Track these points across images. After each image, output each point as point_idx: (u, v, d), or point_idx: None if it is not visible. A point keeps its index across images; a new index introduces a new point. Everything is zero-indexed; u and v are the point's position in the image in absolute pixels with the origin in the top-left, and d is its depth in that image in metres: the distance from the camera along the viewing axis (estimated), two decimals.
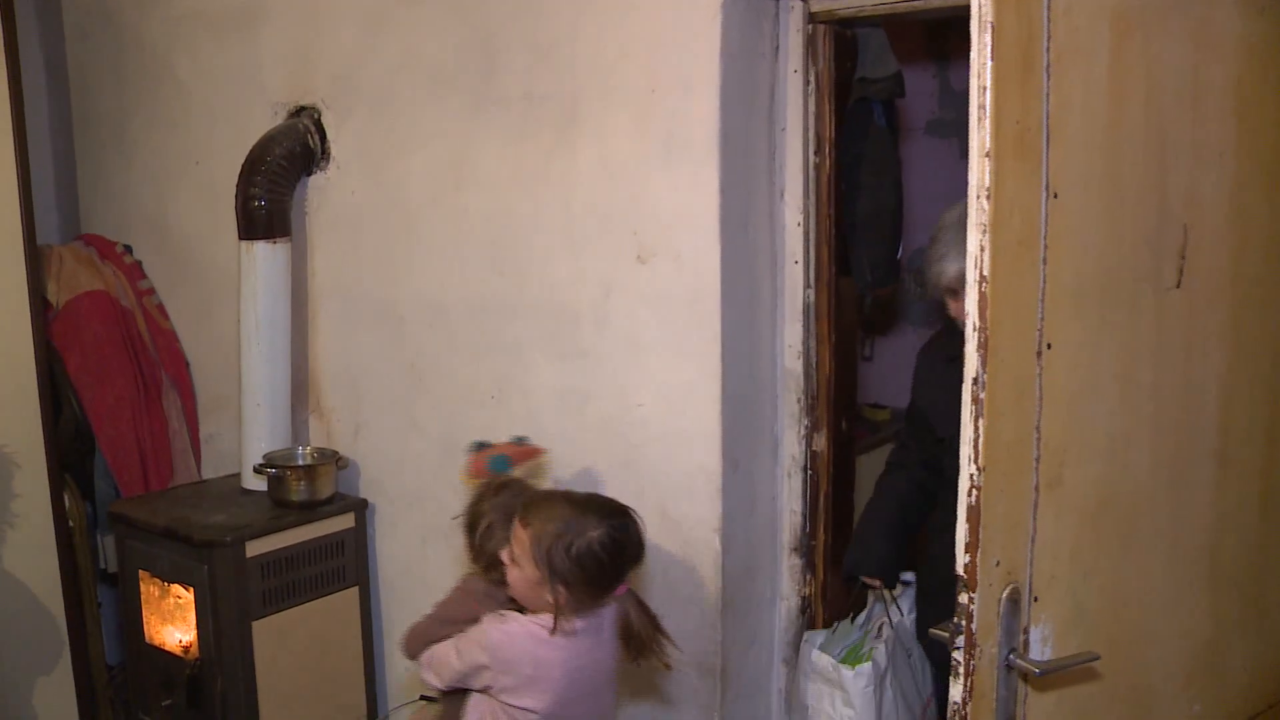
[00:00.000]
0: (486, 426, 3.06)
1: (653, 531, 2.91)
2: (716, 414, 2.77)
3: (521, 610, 2.30)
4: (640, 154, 2.79)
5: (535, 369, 3.01)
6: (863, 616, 2.90)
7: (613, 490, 2.88)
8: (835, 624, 2.92)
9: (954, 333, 2.52)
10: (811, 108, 2.83)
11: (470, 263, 3.10)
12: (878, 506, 2.92)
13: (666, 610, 2.92)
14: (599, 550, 2.20)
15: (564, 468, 2.94)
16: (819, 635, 2.89)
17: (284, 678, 3.27)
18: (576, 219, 2.90)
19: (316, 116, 3.44)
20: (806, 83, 2.82)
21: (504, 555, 2.28)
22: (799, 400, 2.96)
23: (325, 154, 3.44)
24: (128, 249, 4.15)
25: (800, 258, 2.89)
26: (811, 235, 2.87)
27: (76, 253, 4.10)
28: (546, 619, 2.22)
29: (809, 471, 2.98)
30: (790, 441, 2.99)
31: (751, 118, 2.78)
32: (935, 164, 4.78)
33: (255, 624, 3.18)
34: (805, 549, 3.01)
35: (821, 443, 2.96)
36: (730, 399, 2.79)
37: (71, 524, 3.82)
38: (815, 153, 2.84)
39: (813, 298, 2.90)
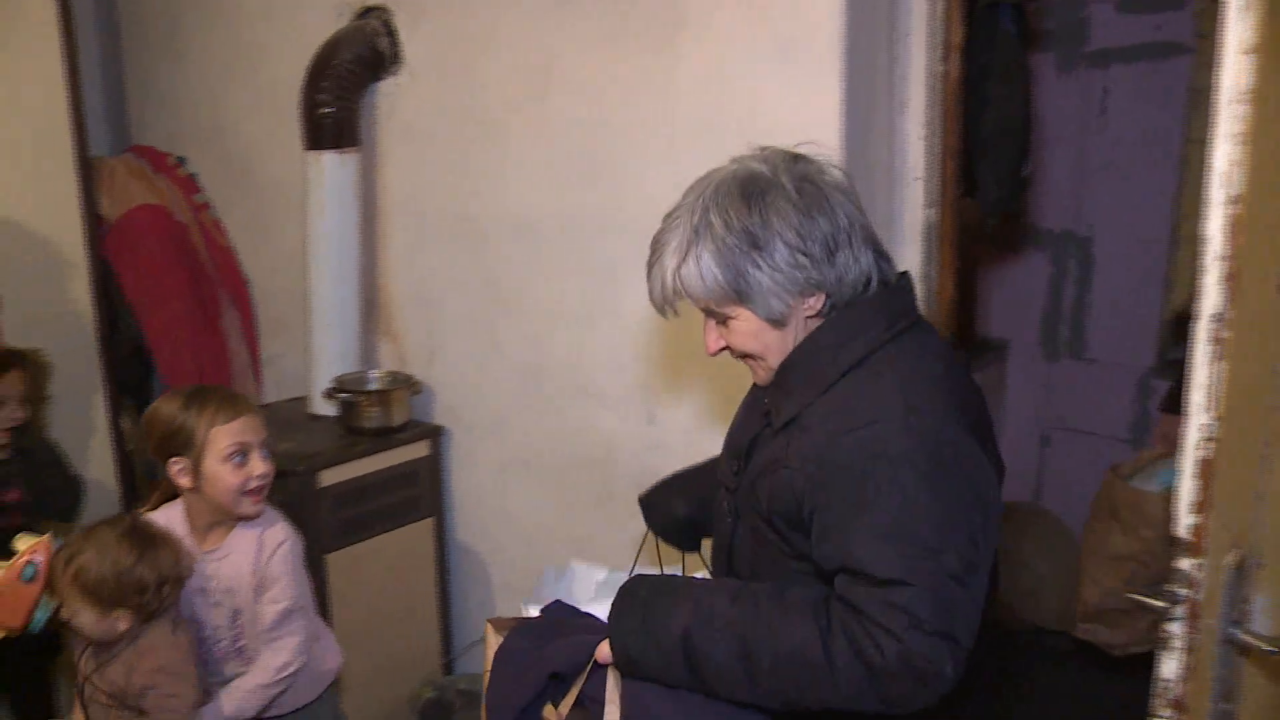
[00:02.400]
0: (574, 349, 2.88)
1: None
2: None
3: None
4: (752, 58, 2.55)
5: (629, 291, 2.80)
6: None
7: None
8: None
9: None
10: (938, 11, 2.58)
11: (559, 175, 2.88)
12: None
13: None
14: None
15: (663, 397, 2.75)
16: None
17: (357, 613, 3.12)
18: (679, 129, 2.68)
19: (387, 17, 3.20)
20: None
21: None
22: None
23: (397, 58, 3.21)
24: (181, 161, 3.94)
25: (921, 174, 2.66)
26: (935, 150, 2.64)
27: (129, 165, 3.90)
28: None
29: None
30: None
31: (873, 20, 2.54)
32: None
33: (328, 557, 3.03)
34: None
35: None
36: None
37: (130, 447, 3.68)
38: (941, 60, 2.59)
39: (934, 218, 2.67)
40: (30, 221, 3.52)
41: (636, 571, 2.14)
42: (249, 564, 2.25)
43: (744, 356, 1.78)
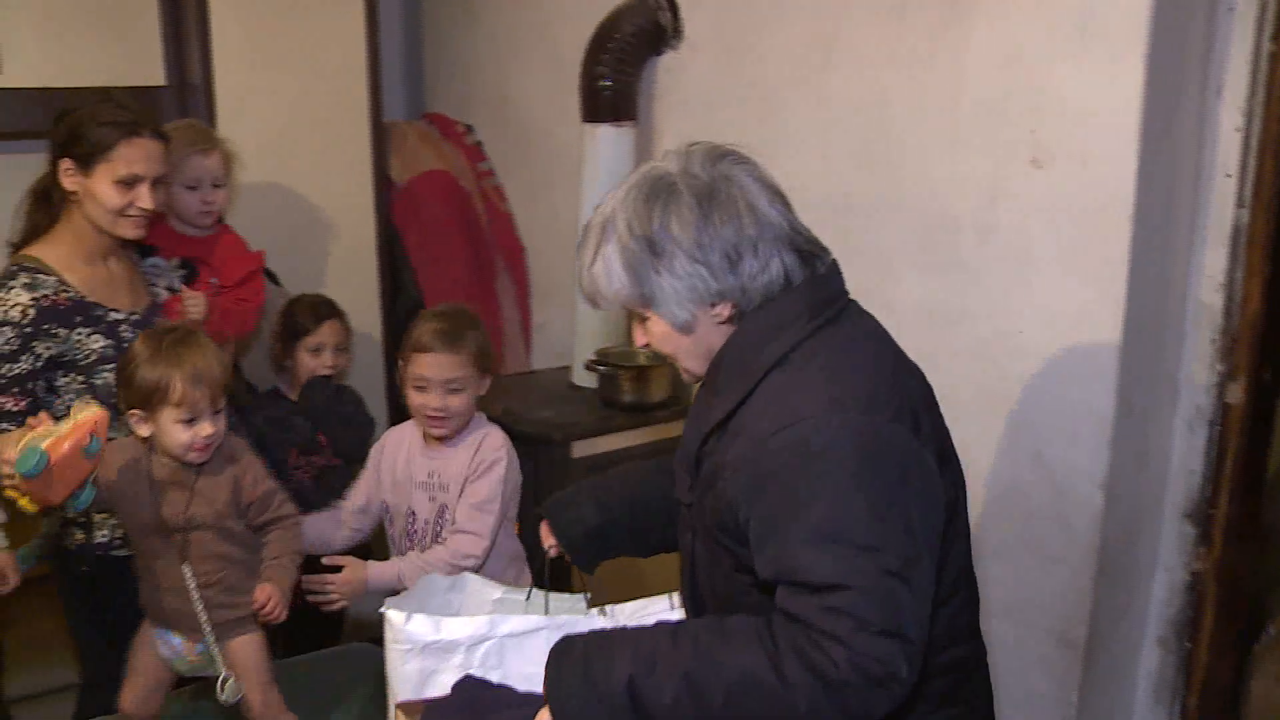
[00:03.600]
0: None
1: (1022, 477, 2.55)
2: (1115, 347, 2.36)
3: None
4: (1046, 37, 2.37)
5: (900, 279, 2.66)
6: None
7: (979, 426, 2.54)
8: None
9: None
10: None
11: (834, 154, 2.76)
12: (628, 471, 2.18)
13: (1027, 568, 2.56)
14: None
15: None
16: None
17: (601, 582, 3.12)
18: (964, 111, 2.51)
19: None
20: None
21: None
22: (1213, 341, 2.49)
23: (677, 31, 3.17)
24: (469, 129, 4.05)
25: (1234, 170, 2.40)
26: (1253, 143, 2.37)
27: (420, 131, 4.04)
28: None
29: (1216, 426, 2.51)
30: (1195, 389, 2.52)
31: None
32: None
33: None
34: (1201, 517, 2.55)
35: (1237, 393, 2.47)
36: (1132, 331, 2.37)
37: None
38: (1271, 39, 2.32)
39: (1245, 219, 2.40)
40: (325, 182, 3.68)
41: (535, 592, 2.11)
42: (463, 467, 2.51)
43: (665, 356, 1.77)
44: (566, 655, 1.61)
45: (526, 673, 1.87)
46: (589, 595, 2.08)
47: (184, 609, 2.26)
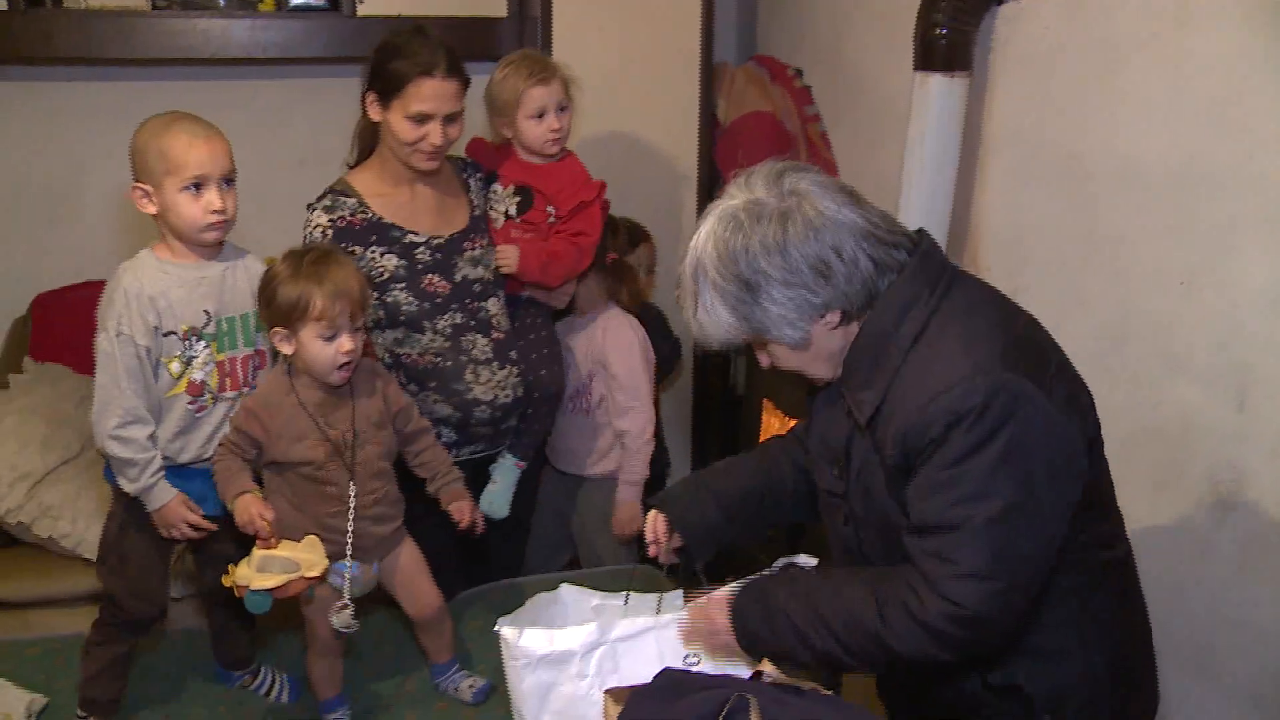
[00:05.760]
0: (1168, 314, 2.59)
1: None
2: None
3: None
4: None
5: (1243, 257, 2.46)
6: None
7: None
8: None
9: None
10: None
11: (1183, 119, 2.57)
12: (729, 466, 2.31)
13: None
14: None
15: (1263, 383, 2.41)
16: None
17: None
18: None
19: None
20: None
21: None
22: None
23: None
24: (798, 73, 4.03)
25: None
26: None
27: (749, 72, 4.06)
28: None
29: None
30: None
31: None
32: None
33: None
34: None
35: None
36: None
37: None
38: None
39: None
40: (651, 119, 3.79)
41: (631, 597, 2.22)
42: (593, 346, 3.26)
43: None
44: (751, 585, 1.93)
45: (641, 673, 1.96)
46: (700, 585, 2.19)
47: (341, 530, 2.39)
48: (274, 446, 2.38)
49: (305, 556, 2.27)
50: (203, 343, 2.45)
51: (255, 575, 2.21)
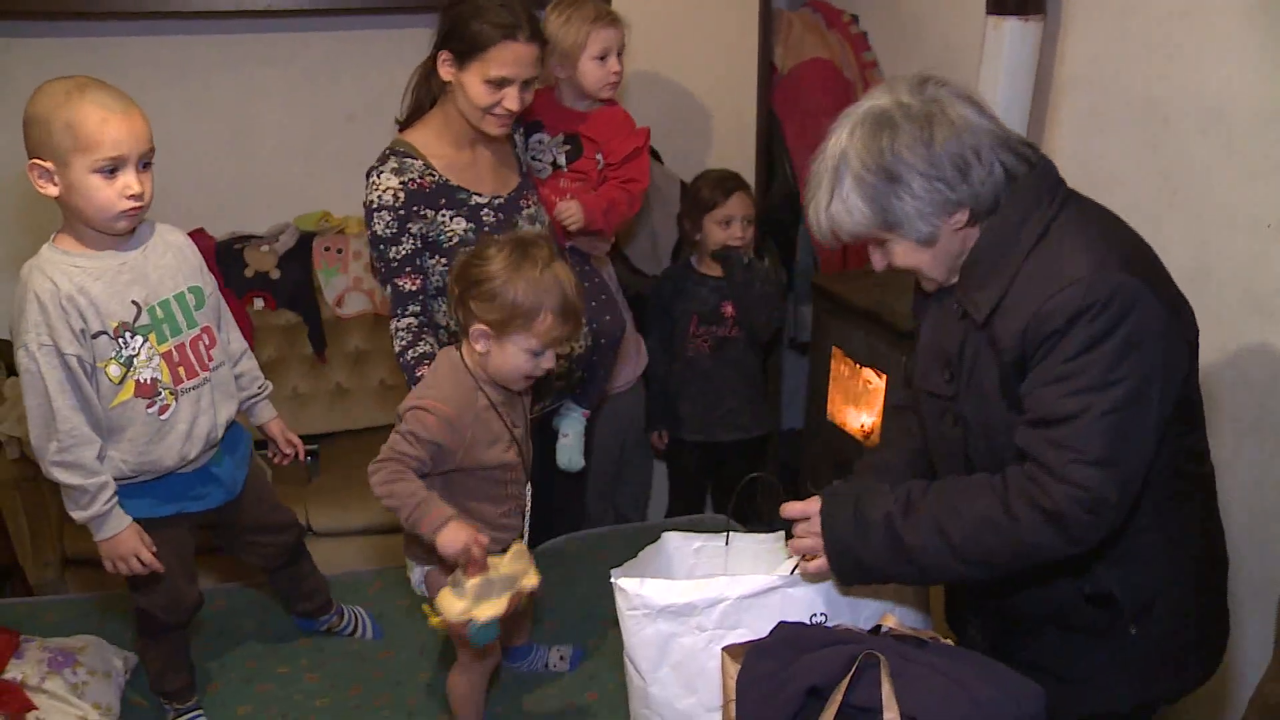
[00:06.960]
0: (1253, 259, 2.60)
1: None
2: None
3: None
4: None
5: None
6: None
7: None
8: None
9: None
10: None
11: (1268, 57, 2.56)
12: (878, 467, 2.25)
13: None
14: None
15: None
16: None
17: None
18: None
19: None
20: None
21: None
22: None
23: None
24: (854, 18, 4.01)
25: None
26: None
27: (805, 19, 4.04)
28: None
29: None
30: None
31: None
32: None
33: None
34: None
35: None
36: None
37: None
38: None
39: None
40: (709, 66, 3.78)
41: (733, 539, 2.25)
42: None
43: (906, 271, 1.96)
44: (839, 495, 1.96)
45: (762, 630, 1.95)
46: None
47: (513, 529, 2.31)
48: (467, 454, 2.21)
49: (517, 568, 2.13)
50: (139, 337, 2.19)
51: (477, 605, 2.06)
